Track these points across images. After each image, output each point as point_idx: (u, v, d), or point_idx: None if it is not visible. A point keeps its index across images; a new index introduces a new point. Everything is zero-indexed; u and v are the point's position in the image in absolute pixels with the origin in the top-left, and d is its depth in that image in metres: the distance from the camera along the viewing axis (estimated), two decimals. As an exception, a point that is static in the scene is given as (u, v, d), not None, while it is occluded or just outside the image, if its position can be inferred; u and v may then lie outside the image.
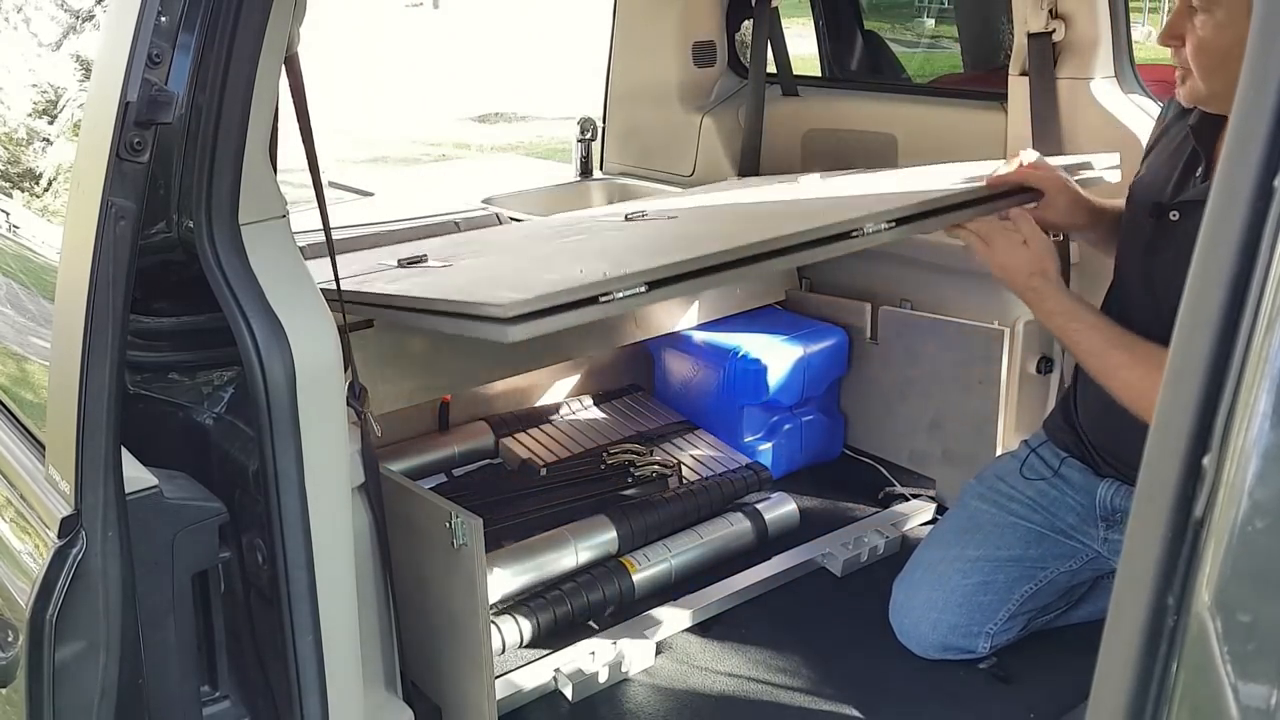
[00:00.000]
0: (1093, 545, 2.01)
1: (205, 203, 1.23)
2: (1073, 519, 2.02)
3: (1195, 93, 1.70)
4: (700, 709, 1.95)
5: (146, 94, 1.12)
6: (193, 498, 1.28)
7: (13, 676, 1.21)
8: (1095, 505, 1.98)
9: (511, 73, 11.94)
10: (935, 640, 2.03)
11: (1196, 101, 1.73)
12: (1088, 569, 2.04)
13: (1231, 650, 0.54)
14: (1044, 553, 2.02)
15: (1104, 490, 1.97)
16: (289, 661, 1.33)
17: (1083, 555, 2.03)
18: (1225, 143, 0.57)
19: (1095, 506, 1.99)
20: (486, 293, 1.43)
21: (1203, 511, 0.56)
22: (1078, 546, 2.02)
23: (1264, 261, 0.54)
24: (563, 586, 2.10)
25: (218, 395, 1.41)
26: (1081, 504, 2.01)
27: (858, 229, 1.66)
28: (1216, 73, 1.64)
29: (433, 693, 1.82)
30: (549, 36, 13.45)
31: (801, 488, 2.57)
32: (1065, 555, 2.03)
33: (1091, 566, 2.04)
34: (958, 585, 2.02)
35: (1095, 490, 1.98)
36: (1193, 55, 1.65)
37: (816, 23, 3.20)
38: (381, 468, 1.53)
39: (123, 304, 1.15)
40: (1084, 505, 2.01)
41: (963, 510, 2.13)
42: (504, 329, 1.38)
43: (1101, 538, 2.00)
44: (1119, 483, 1.95)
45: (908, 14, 3.77)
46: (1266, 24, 0.55)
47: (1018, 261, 1.79)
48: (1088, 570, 2.04)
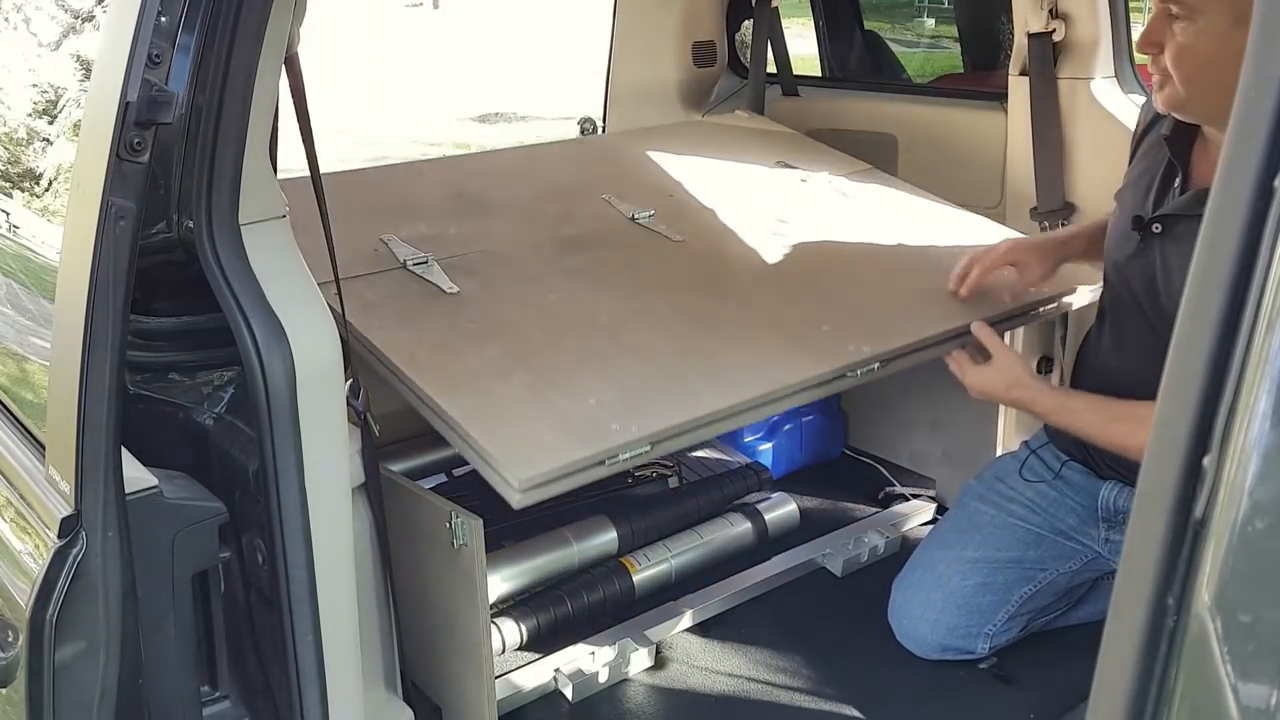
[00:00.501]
0: (1093, 546, 2.01)
1: (205, 203, 1.23)
2: (1073, 520, 2.02)
3: (1174, 99, 1.69)
4: (700, 709, 1.95)
5: (146, 94, 1.12)
6: (193, 498, 1.28)
7: (13, 676, 1.21)
8: (1097, 507, 1.99)
9: (511, 73, 11.95)
10: (934, 641, 2.03)
11: (1174, 108, 1.72)
12: (1087, 570, 2.04)
13: (1231, 650, 0.54)
14: (1043, 554, 2.02)
15: (1106, 491, 1.97)
16: (289, 661, 1.33)
17: (1082, 556, 2.03)
18: (1225, 142, 0.57)
19: (1097, 508, 1.99)
20: (500, 446, 1.51)
21: (1203, 511, 0.56)
22: (1077, 548, 2.02)
23: (1264, 261, 0.54)
24: (563, 586, 2.10)
25: (218, 395, 1.41)
26: (1082, 505, 2.01)
27: (851, 372, 1.83)
28: (1196, 79, 1.63)
29: (433, 693, 1.82)
30: (549, 36, 13.45)
31: (801, 488, 2.56)
32: (1065, 556, 2.03)
33: (1091, 567, 2.04)
34: (957, 587, 2.01)
35: (1098, 492, 1.98)
36: (1173, 62, 1.64)
37: (816, 23, 3.20)
38: (381, 468, 1.53)
39: (123, 304, 1.15)
40: (1085, 507, 2.01)
41: (962, 511, 2.13)
42: (512, 494, 1.49)
43: (1102, 538, 2.00)
44: (1121, 484, 1.95)
45: (908, 14, 3.77)
46: (1266, 24, 0.55)
47: (992, 383, 1.90)
48: (1087, 571, 2.04)
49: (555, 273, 1.97)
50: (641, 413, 1.63)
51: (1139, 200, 1.86)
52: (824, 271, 2.13)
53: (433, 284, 1.86)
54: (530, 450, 1.53)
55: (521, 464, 1.50)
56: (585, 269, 2.00)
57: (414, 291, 1.84)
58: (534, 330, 1.79)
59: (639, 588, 2.15)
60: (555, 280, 1.94)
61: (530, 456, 1.51)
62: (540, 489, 1.50)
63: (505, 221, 2.12)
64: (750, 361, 1.80)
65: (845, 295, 2.05)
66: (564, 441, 1.56)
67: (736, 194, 2.37)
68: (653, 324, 1.87)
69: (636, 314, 1.89)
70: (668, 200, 2.30)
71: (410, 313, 1.78)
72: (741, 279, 2.06)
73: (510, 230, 2.09)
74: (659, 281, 2.01)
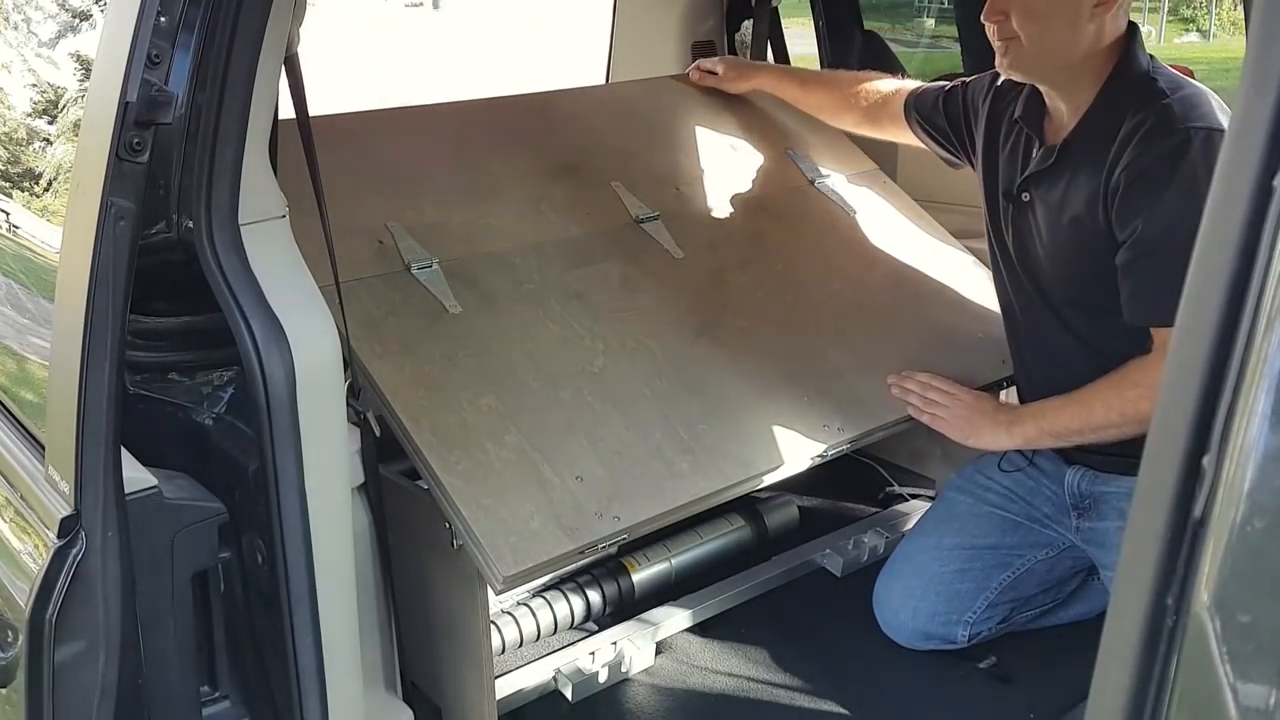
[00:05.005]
0: (1067, 534, 2.05)
1: (205, 203, 1.23)
2: (1048, 509, 2.06)
3: (1019, 60, 1.83)
4: (700, 709, 1.95)
5: (146, 94, 1.12)
6: (192, 498, 1.28)
7: (13, 676, 1.21)
8: (1065, 492, 2.03)
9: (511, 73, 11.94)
10: (915, 628, 2.05)
11: (1019, 70, 1.86)
12: (1065, 558, 2.07)
13: (1231, 650, 0.54)
14: (1020, 540, 2.06)
15: (1071, 476, 2.02)
16: (289, 661, 1.33)
17: (1058, 544, 2.06)
18: (1225, 142, 0.57)
19: (1065, 494, 2.03)
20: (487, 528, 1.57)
21: (1202, 511, 0.56)
22: (1053, 535, 2.06)
23: (1264, 261, 0.53)
24: (563, 586, 2.10)
25: (218, 395, 1.41)
26: (1055, 492, 2.05)
27: (821, 455, 1.91)
28: (1045, 36, 1.79)
29: (433, 693, 1.82)
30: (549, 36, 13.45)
31: (801, 488, 2.56)
32: (1041, 544, 2.06)
33: (1069, 556, 2.07)
34: (935, 573, 2.04)
35: (1064, 477, 2.03)
36: (1019, 22, 1.78)
37: (816, 23, 3.19)
38: (381, 468, 1.53)
39: (122, 304, 1.15)
40: (1057, 494, 2.05)
41: (942, 503, 2.18)
42: (495, 584, 1.56)
43: (1074, 526, 2.03)
44: (1085, 469, 2.00)
45: (908, 14, 3.76)
46: (1266, 24, 0.55)
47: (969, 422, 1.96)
48: (1065, 560, 2.07)
49: (556, 293, 1.97)
50: (623, 496, 1.69)
51: (1009, 178, 1.99)
52: (812, 319, 2.16)
53: (435, 298, 1.86)
54: (515, 539, 1.58)
55: (507, 558, 1.56)
56: (585, 289, 2.00)
57: (416, 306, 1.84)
58: (530, 377, 1.81)
59: (639, 587, 2.15)
60: (555, 305, 1.95)
61: (515, 548, 1.57)
62: (520, 578, 1.57)
63: (511, 211, 2.10)
64: (728, 438, 1.85)
65: (831, 353, 2.09)
66: (548, 531, 1.61)
67: (740, 197, 2.37)
68: (643, 372, 1.90)
69: (630, 355, 1.91)
70: (674, 197, 2.29)
71: (411, 337, 1.79)
72: (734, 322, 2.07)
73: (515, 225, 2.08)
74: (654, 313, 2.02)
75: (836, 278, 2.27)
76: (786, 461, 1.86)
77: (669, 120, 2.50)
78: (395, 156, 2.12)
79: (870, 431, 1.98)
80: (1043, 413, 1.92)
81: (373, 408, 1.63)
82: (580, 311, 1.96)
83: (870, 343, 2.14)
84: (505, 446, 1.69)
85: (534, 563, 1.57)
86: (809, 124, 2.61)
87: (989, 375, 2.14)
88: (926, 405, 1.99)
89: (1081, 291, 1.89)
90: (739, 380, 1.95)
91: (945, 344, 2.19)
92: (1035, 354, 2.02)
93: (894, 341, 2.16)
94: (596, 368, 1.87)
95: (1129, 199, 1.74)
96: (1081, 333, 1.91)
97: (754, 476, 1.83)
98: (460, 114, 2.38)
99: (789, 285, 2.21)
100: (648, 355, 1.93)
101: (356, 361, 1.64)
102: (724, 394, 1.92)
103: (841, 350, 2.10)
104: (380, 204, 1.99)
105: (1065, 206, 1.86)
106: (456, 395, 1.73)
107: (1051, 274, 1.92)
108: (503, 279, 1.96)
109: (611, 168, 2.29)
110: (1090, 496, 1.99)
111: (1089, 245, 1.83)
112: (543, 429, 1.74)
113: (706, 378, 1.93)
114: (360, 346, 1.69)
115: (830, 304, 2.20)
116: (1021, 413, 1.97)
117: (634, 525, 1.68)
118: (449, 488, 1.60)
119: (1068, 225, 1.85)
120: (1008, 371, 2.15)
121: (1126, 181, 1.74)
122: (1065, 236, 1.87)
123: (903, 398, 2.01)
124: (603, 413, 1.80)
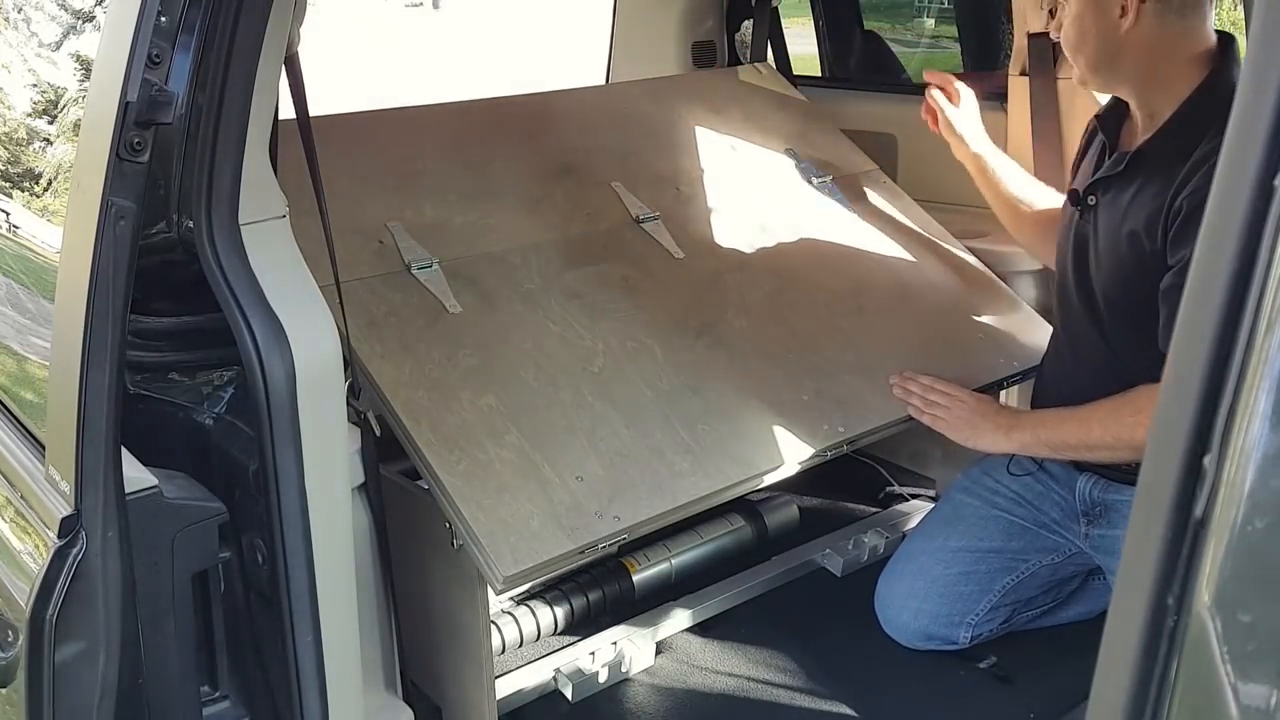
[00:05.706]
0: (1075, 541, 2.04)
1: (205, 203, 1.23)
2: (1056, 514, 2.05)
3: (1064, 39, 1.85)
4: (700, 709, 1.95)
5: (146, 94, 1.12)
6: (193, 498, 1.28)
7: (13, 676, 1.21)
8: (1076, 499, 2.01)
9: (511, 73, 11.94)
10: (917, 629, 2.05)
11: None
12: (1070, 564, 2.07)
13: (1231, 650, 0.54)
14: (1026, 545, 2.05)
15: (1083, 483, 2.00)
16: (289, 661, 1.33)
17: (1065, 550, 2.05)
18: (1225, 142, 0.57)
19: (1076, 500, 2.01)
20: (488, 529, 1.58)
21: (1203, 511, 0.56)
22: (1060, 541, 2.05)
23: (1264, 261, 0.53)
24: (563, 586, 2.10)
25: (218, 395, 1.41)
26: (1064, 498, 2.04)
27: (822, 454, 1.91)
28: (1082, 14, 1.78)
29: (433, 693, 1.82)
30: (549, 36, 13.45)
31: (801, 488, 2.56)
32: (1048, 549, 2.05)
33: (1074, 561, 2.06)
34: (940, 575, 2.04)
35: (1075, 484, 2.01)
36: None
37: (816, 23, 3.20)
38: (381, 468, 1.53)
39: (123, 304, 1.15)
40: (1066, 500, 2.03)
41: (947, 504, 2.17)
42: (495, 584, 1.56)
43: (1083, 533, 2.02)
44: (1098, 477, 1.98)
45: (908, 14, 3.76)
46: (1266, 24, 0.55)
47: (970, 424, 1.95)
48: (1070, 565, 2.07)
49: (556, 293, 1.97)
50: (623, 496, 1.69)
51: (1081, 182, 1.95)
52: (812, 319, 2.15)
53: (435, 298, 1.86)
54: (515, 539, 1.58)
55: (507, 558, 1.56)
56: (585, 289, 2.00)
57: (416, 306, 1.84)
58: (530, 375, 1.81)
59: (639, 587, 2.16)
60: (555, 305, 1.95)
61: (515, 548, 1.57)
62: (521, 578, 1.57)
63: (511, 211, 2.10)
64: (728, 438, 1.84)
65: (831, 354, 2.09)
66: (548, 531, 1.61)
67: (740, 198, 2.37)
68: (643, 372, 1.89)
69: (630, 356, 1.91)
70: (674, 196, 2.29)
71: (411, 337, 1.78)
72: (734, 322, 2.07)
73: (515, 225, 2.08)
74: (654, 313, 2.02)
75: (836, 278, 2.27)
76: (786, 461, 1.86)
77: (669, 120, 2.49)
78: (395, 156, 2.12)
79: (870, 431, 1.98)
80: (1042, 422, 1.91)
81: (373, 408, 1.63)
82: (580, 311, 1.96)
83: (870, 343, 2.14)
84: (505, 446, 1.69)
85: (534, 563, 1.57)
86: (809, 124, 2.61)
87: (989, 376, 2.14)
88: (928, 406, 1.99)
89: (1126, 305, 1.83)
90: (739, 380, 1.95)
91: (945, 344, 2.19)
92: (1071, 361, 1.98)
93: (894, 342, 2.16)
94: (596, 368, 1.87)
95: (1187, 227, 1.68)
96: (1118, 347, 1.87)
97: (754, 476, 1.83)
98: (460, 114, 2.37)
99: (789, 285, 2.21)
100: (648, 355, 1.93)
101: (356, 361, 1.64)
102: (724, 394, 1.92)
103: (841, 350, 2.10)
104: (380, 204, 1.99)
105: (1126, 219, 1.80)
106: (456, 395, 1.73)
107: (1100, 281, 1.87)
108: (503, 279, 1.95)
109: (611, 168, 2.29)
110: (1101, 504, 1.98)
111: (1142, 262, 1.76)
112: (543, 429, 1.74)
113: (706, 378, 1.93)
114: (360, 346, 1.69)
115: (830, 304, 2.20)
116: (1021, 419, 1.96)
117: (634, 525, 1.67)
118: (449, 488, 1.60)
119: (1125, 238, 1.79)
120: (1007, 372, 2.15)
121: (1189, 208, 1.67)
122: (1121, 249, 1.81)
123: (904, 398, 2.01)
124: (603, 413, 1.80)
